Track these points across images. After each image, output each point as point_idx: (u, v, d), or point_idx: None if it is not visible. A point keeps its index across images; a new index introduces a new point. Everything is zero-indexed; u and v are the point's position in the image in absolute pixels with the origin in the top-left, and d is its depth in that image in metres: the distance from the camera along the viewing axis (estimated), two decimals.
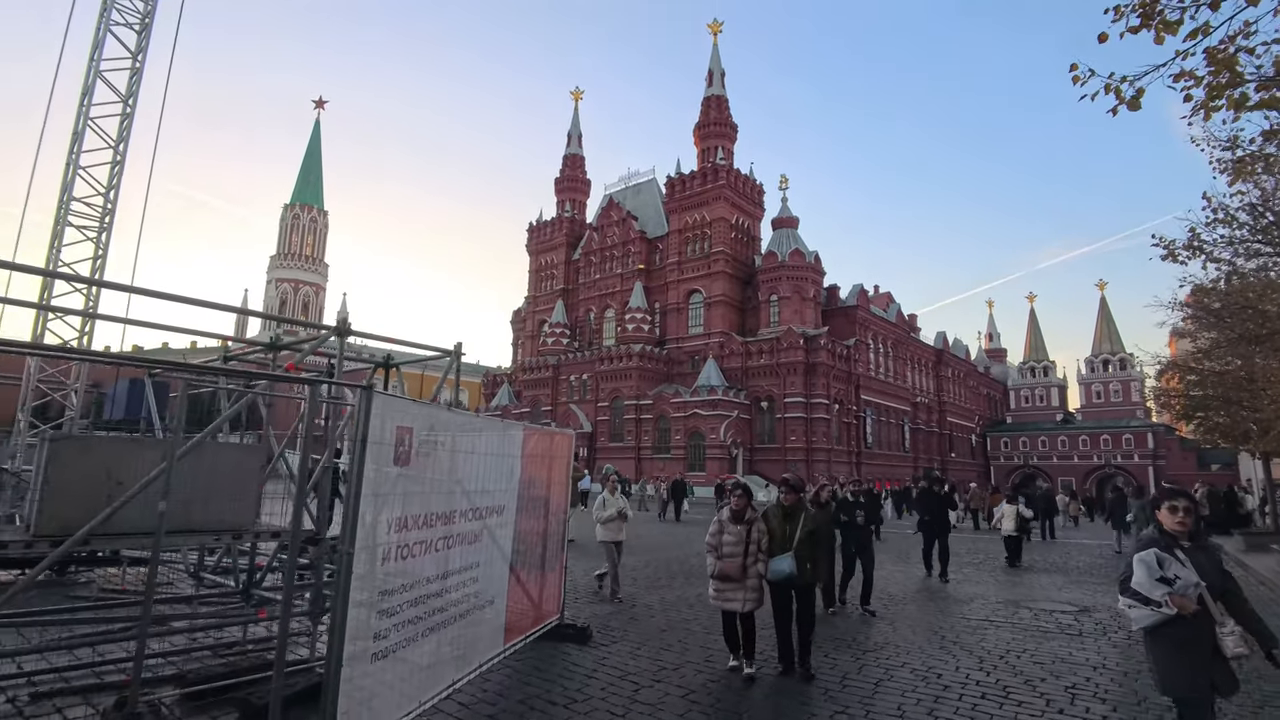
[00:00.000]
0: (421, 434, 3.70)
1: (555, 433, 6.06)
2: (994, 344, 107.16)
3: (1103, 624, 7.63)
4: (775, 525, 6.02)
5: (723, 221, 60.51)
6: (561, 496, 5.99)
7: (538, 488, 5.50)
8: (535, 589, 5.67)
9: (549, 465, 5.81)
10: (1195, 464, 74.72)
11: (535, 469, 5.44)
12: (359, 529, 3.18)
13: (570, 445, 6.19)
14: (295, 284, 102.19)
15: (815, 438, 53.27)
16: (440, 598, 3.96)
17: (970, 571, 12.32)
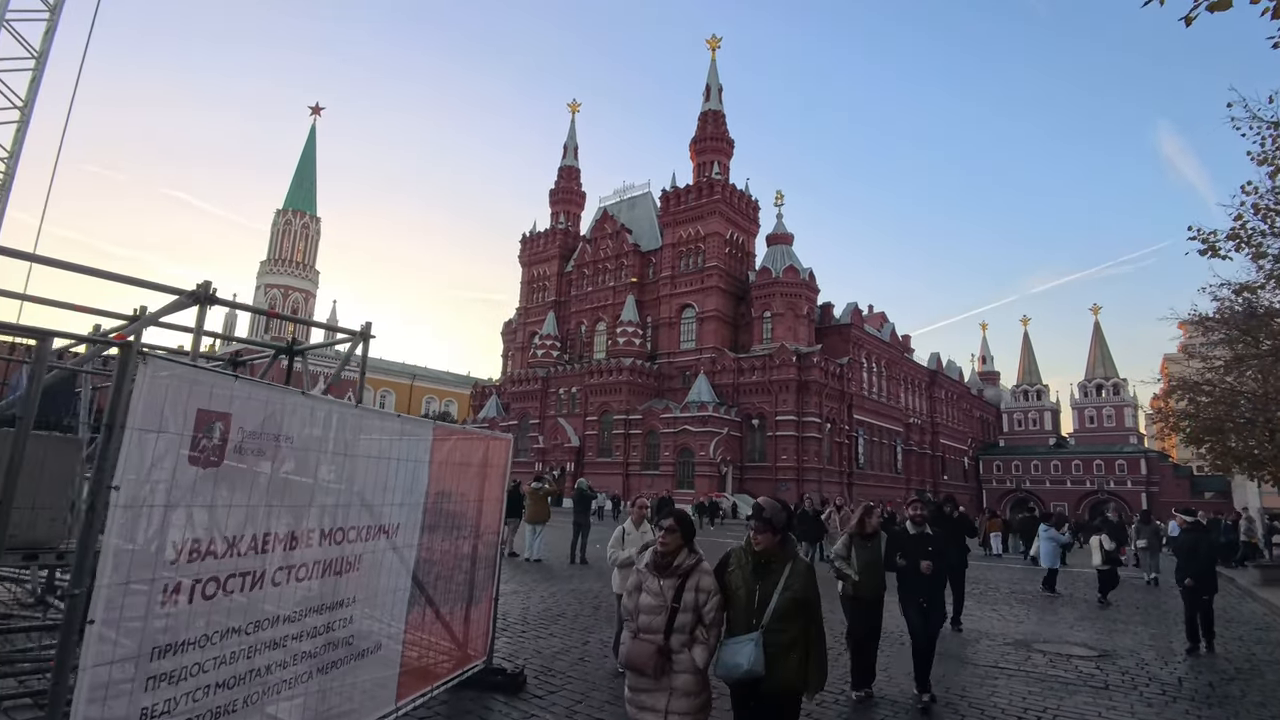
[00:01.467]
0: (250, 424, 2.69)
1: (482, 437, 5.02)
2: (987, 367, 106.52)
3: (1129, 673, 6.59)
4: (737, 583, 3.68)
5: (717, 236, 59.83)
6: (495, 515, 4.93)
7: (456, 503, 4.47)
8: (456, 627, 4.63)
9: (478, 477, 4.78)
10: (1188, 490, 74.04)
11: (453, 480, 4.40)
12: (108, 556, 2.14)
13: (507, 453, 5.14)
14: (285, 290, 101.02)
15: (806, 457, 52.22)
16: (279, 649, 2.88)
17: (971, 605, 11.32)
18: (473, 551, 4.76)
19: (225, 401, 2.57)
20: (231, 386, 2.61)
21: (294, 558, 2.92)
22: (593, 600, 9.52)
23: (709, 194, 60.65)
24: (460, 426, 4.86)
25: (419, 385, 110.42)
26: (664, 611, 3.52)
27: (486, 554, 4.84)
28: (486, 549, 4.84)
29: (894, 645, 7.68)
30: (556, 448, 60.26)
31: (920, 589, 6.23)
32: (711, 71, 68.18)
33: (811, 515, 13.73)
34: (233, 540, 2.64)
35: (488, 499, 4.87)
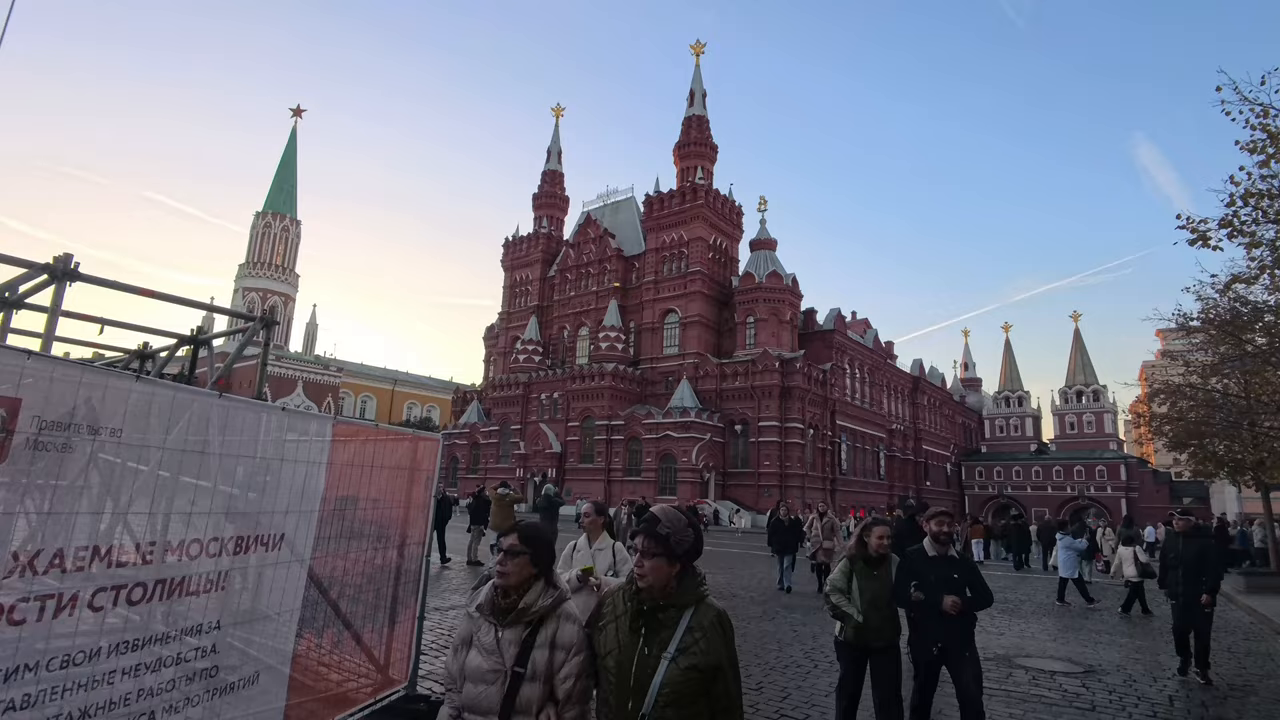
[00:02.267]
0: (51, 413, 2.17)
1: (405, 436, 4.47)
2: (969, 373, 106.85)
3: (1117, 692, 6.12)
4: (609, 645, 2.33)
5: (700, 241, 59.53)
6: (421, 524, 4.41)
7: (370, 510, 3.95)
8: (375, 647, 4.10)
9: (400, 481, 4.24)
10: (1168, 496, 74.53)
11: (364, 485, 3.85)
12: None
13: (436, 456, 4.59)
14: (264, 294, 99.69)
15: (789, 463, 51.89)
16: (102, 688, 2.35)
17: None
18: (394, 564, 4.24)
19: (10, 383, 2.06)
20: (22, 365, 2.08)
21: (121, 576, 2.38)
22: None
23: (692, 199, 60.39)
24: (376, 425, 4.26)
25: (400, 390, 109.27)
26: (500, 679, 2.28)
27: (411, 566, 4.32)
28: (410, 561, 4.32)
29: None
30: (538, 453, 59.57)
31: (940, 633, 4.61)
32: (696, 77, 68.09)
33: (788, 524, 13.00)
34: (29, 557, 2.11)
35: (413, 505, 4.34)
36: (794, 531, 12.90)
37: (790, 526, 12.92)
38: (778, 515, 13.27)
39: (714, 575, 14.79)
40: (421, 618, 4.38)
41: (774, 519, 13.40)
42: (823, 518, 13.00)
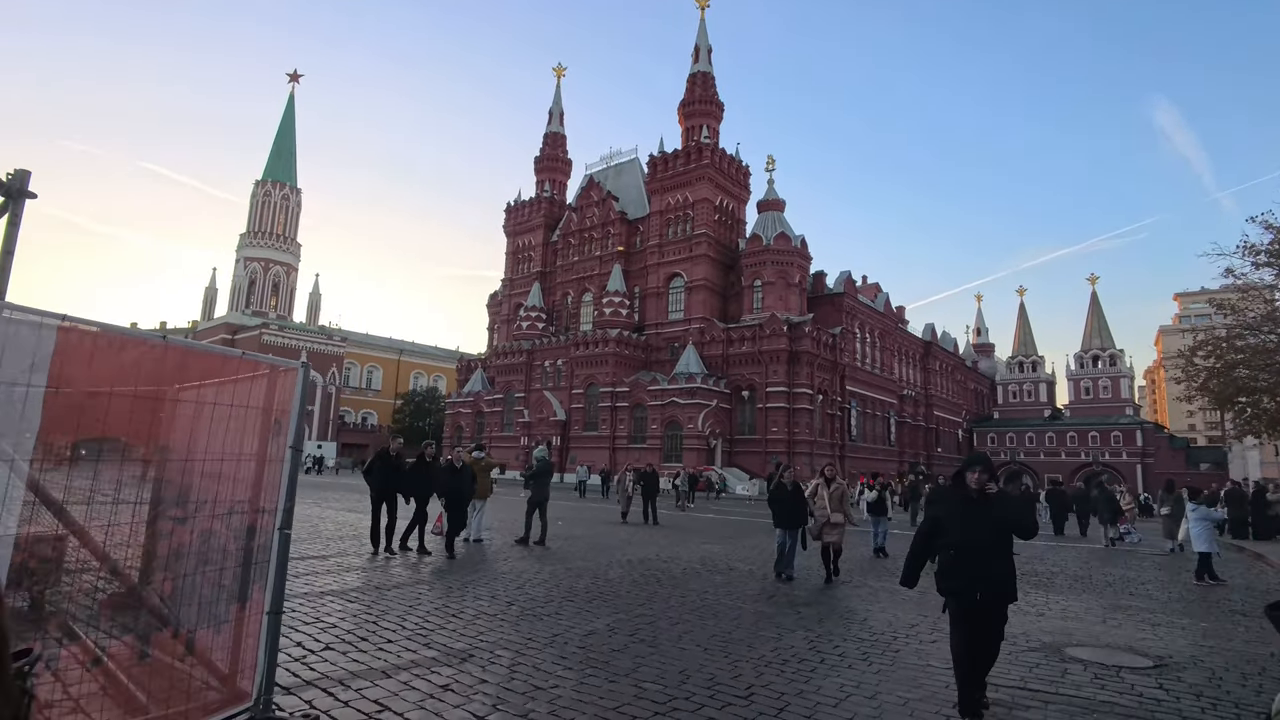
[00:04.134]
0: None
1: (224, 356, 3.23)
2: (982, 339, 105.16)
3: (1203, 694, 4.76)
4: None
5: (706, 203, 57.80)
6: (274, 486, 3.18)
7: (187, 469, 2.75)
8: (214, 652, 2.97)
9: (245, 425, 3.06)
10: (1184, 462, 73.36)
11: (150, 424, 2.66)
12: None
13: (294, 391, 3.34)
14: (266, 263, 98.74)
15: (798, 429, 50.79)
16: None
17: None
18: (237, 540, 3.06)
19: None
20: None
21: None
22: (526, 595, 7.85)
23: (698, 159, 58.53)
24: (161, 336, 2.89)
25: (406, 360, 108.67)
26: None
27: (265, 543, 3.13)
28: (263, 537, 3.12)
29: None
30: (542, 421, 58.73)
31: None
32: (700, 32, 65.67)
33: (790, 489, 9.94)
34: None
35: (247, 456, 3.11)
36: (800, 501, 9.95)
37: (794, 494, 9.91)
38: (779, 479, 10.13)
39: (710, 546, 13.67)
40: (276, 612, 3.18)
41: (775, 485, 10.30)
42: (830, 484, 10.09)
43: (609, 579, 9.03)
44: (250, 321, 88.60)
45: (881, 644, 6.08)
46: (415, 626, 5.81)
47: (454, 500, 10.96)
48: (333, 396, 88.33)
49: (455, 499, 10.99)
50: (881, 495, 13.98)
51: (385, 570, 8.83)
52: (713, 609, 7.29)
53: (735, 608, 7.47)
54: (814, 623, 6.87)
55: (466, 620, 6.16)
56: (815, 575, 10.02)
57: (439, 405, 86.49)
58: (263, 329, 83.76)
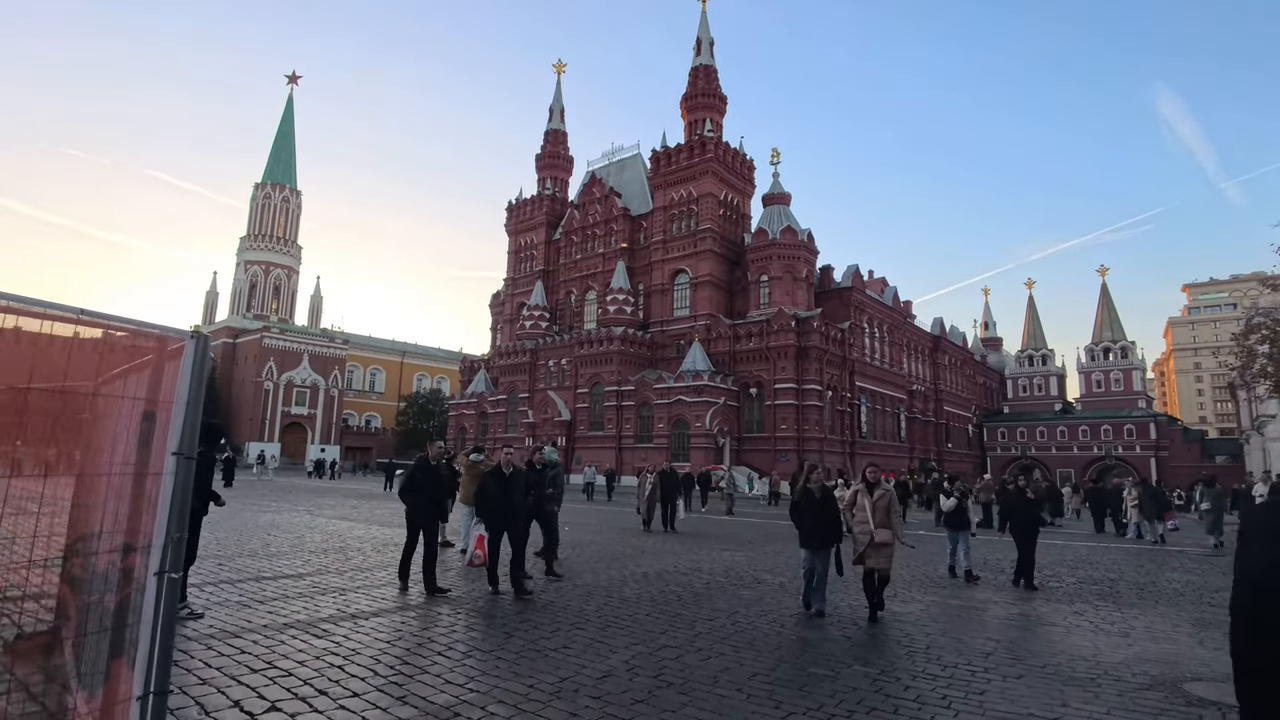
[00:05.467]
0: None
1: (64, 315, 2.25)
2: (990, 333, 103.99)
3: None
4: None
5: (710, 197, 56.75)
6: (151, 509, 2.21)
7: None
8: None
9: (116, 423, 2.09)
10: (1199, 454, 72.08)
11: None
12: None
13: (174, 377, 2.36)
14: (266, 266, 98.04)
15: (807, 426, 49.71)
16: None
17: (1044, 603, 8.60)
18: (101, 592, 2.06)
19: None
20: None
21: None
22: (528, 622, 6.80)
23: (701, 153, 57.49)
24: None
25: (409, 362, 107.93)
26: None
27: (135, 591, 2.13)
28: (135, 577, 2.13)
29: None
30: (547, 421, 57.74)
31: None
32: (702, 24, 64.68)
33: (819, 497, 7.63)
34: None
35: (142, 473, 2.13)
36: (833, 513, 7.68)
37: (824, 504, 7.59)
38: (805, 483, 7.77)
39: (731, 554, 12.60)
40: (160, 693, 2.16)
41: (800, 491, 7.82)
42: (874, 490, 7.63)
43: (624, 598, 7.95)
44: (252, 325, 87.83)
45: (960, 681, 5.03)
46: (391, 671, 4.76)
47: (502, 519, 7.97)
48: (335, 399, 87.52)
49: (504, 518, 8.00)
50: (962, 503, 10.99)
51: (367, 592, 7.78)
52: (747, 636, 6.24)
53: (773, 634, 6.42)
54: (870, 653, 5.83)
55: (454, 660, 5.11)
56: (850, 605, 8.00)
57: (442, 407, 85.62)
58: (264, 332, 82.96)
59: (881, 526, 7.42)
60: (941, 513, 11.43)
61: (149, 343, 2.43)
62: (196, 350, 2.41)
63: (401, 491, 8.54)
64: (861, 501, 7.63)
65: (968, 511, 11.14)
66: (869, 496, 7.62)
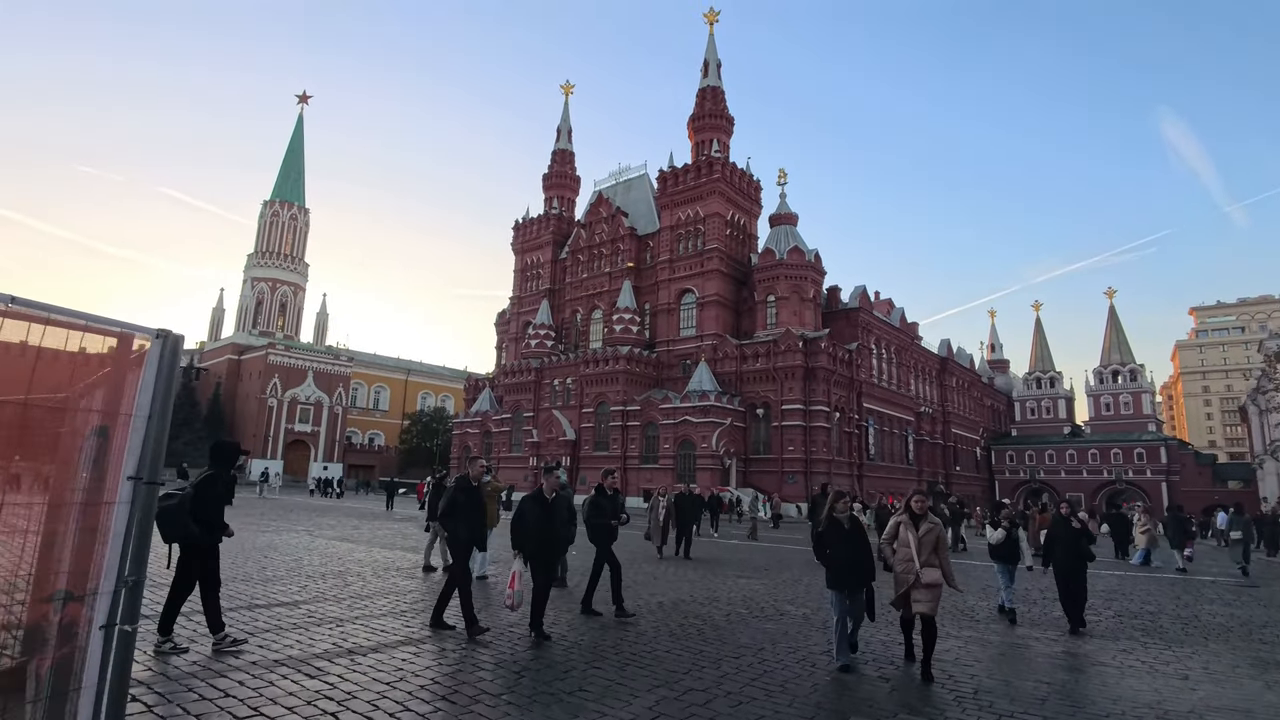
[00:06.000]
0: None
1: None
2: (996, 354, 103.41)
3: None
4: None
5: (717, 217, 56.60)
6: (102, 550, 1.82)
7: None
8: None
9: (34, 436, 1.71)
10: (1210, 479, 71.07)
11: None
12: None
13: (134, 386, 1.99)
14: (273, 283, 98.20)
15: (815, 448, 49.08)
16: None
17: (1100, 647, 8.00)
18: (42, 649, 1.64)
19: None
20: None
21: None
22: (541, 659, 6.30)
23: (708, 173, 57.44)
24: None
25: (414, 380, 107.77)
26: None
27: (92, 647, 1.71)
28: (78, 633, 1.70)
29: None
30: (551, 441, 57.17)
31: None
32: (710, 47, 65.02)
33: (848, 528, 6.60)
34: None
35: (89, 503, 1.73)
36: (864, 547, 6.61)
37: (853, 536, 6.57)
38: (831, 512, 6.69)
39: (748, 582, 12.05)
40: None
41: (824, 521, 6.76)
42: (920, 522, 6.53)
43: (641, 631, 7.42)
44: (257, 342, 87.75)
45: None
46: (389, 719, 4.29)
47: (547, 552, 6.97)
48: (339, 417, 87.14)
49: (549, 550, 7.01)
50: (1012, 534, 9.81)
51: (366, 624, 7.28)
52: (779, 678, 5.74)
53: (806, 675, 5.91)
54: (916, 699, 5.33)
55: (460, 707, 4.61)
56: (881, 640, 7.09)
57: (446, 425, 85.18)
58: (269, 349, 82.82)
59: (928, 565, 6.33)
60: (990, 544, 9.97)
61: (104, 342, 2.01)
62: (164, 353, 1.99)
63: (443, 516, 7.65)
64: (905, 535, 6.52)
65: (1020, 542, 10.02)
66: (914, 530, 6.50)
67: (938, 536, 6.50)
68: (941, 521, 6.54)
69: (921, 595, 6.28)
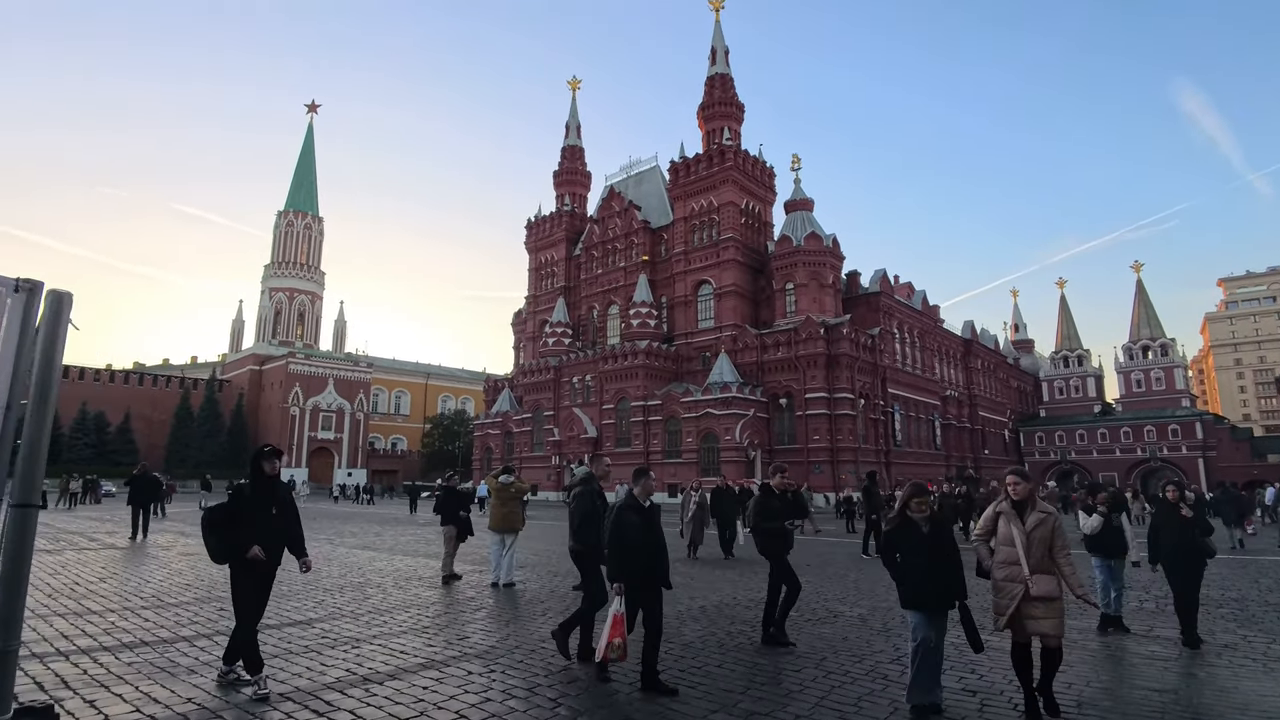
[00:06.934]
0: None
1: None
2: (1020, 335, 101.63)
3: None
4: None
5: (731, 206, 55.76)
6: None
7: None
8: None
9: None
10: (1249, 454, 69.30)
11: None
12: None
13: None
14: (291, 293, 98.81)
15: (840, 436, 48.18)
16: None
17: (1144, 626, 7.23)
18: None
19: None
20: None
21: None
22: (579, 681, 5.66)
23: (720, 162, 56.60)
24: None
25: (433, 384, 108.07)
26: None
27: None
28: None
29: None
30: (572, 439, 56.72)
31: None
32: (716, 34, 64.14)
33: (928, 530, 5.07)
34: None
35: None
36: (951, 553, 4.99)
37: (937, 539, 5.02)
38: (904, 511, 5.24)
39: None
40: None
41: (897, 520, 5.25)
42: (1025, 512, 5.05)
43: (687, 642, 6.72)
44: (277, 351, 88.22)
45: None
46: None
47: (654, 576, 5.60)
48: (361, 423, 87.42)
49: (656, 574, 5.60)
50: (1112, 520, 8.05)
51: (384, 644, 6.67)
52: (851, 695, 5.04)
53: (879, 691, 5.21)
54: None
55: None
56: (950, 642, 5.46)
57: (467, 428, 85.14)
58: (289, 358, 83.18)
59: (1041, 570, 4.79)
60: (1084, 535, 8.12)
61: None
62: (25, 314, 1.35)
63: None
64: (1008, 530, 4.95)
65: (1124, 531, 8.14)
66: (1018, 522, 4.92)
67: (1052, 530, 4.89)
68: (1053, 511, 5.03)
69: (1038, 611, 4.73)
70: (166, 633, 6.80)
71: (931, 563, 4.89)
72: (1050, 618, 4.72)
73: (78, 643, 6.28)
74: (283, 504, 5.38)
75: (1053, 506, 4.99)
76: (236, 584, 5.13)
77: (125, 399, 79.85)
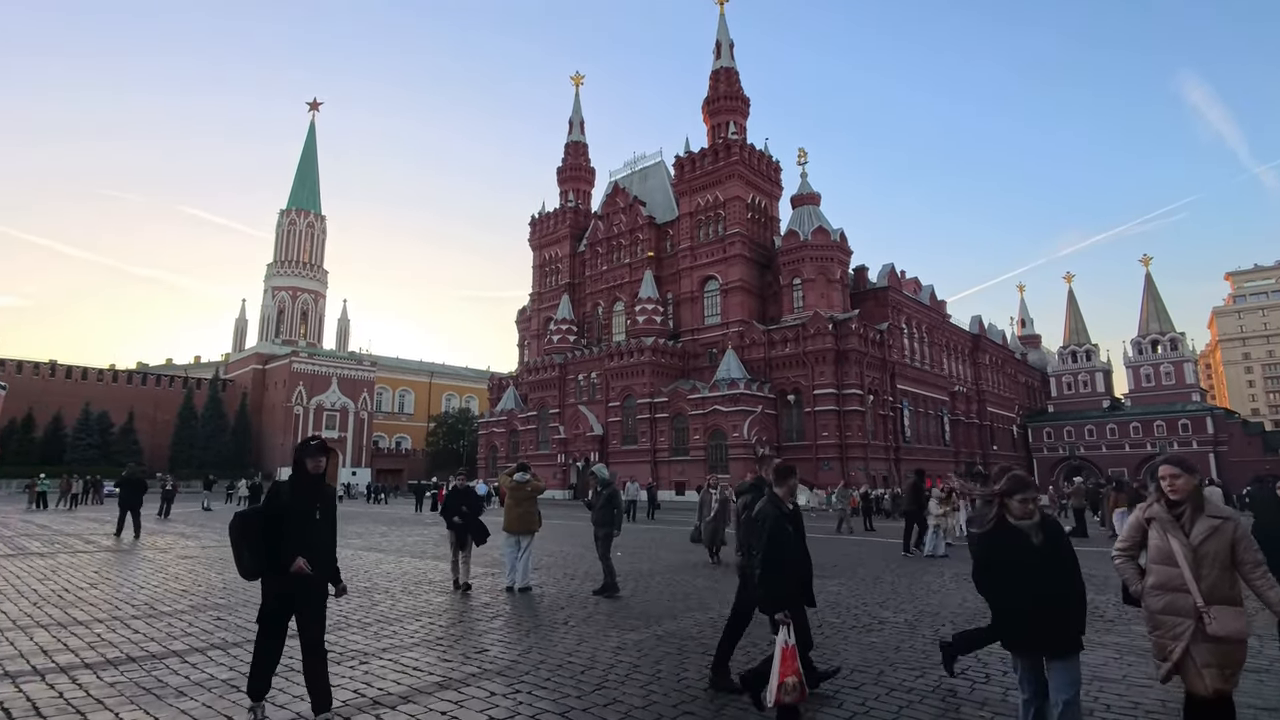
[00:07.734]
0: None
1: None
2: (1027, 330, 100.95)
3: None
4: None
5: (737, 201, 55.16)
6: None
7: None
8: None
9: None
10: (1260, 449, 68.56)
11: None
12: None
13: None
14: (294, 291, 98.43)
15: (849, 432, 47.63)
16: None
17: None
18: None
19: None
20: None
21: None
22: (608, 698, 5.10)
23: (726, 156, 55.98)
24: None
25: (437, 382, 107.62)
26: None
27: None
28: None
29: None
30: (578, 437, 56.18)
31: None
32: (720, 27, 63.57)
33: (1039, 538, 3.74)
34: None
35: None
36: (1067, 570, 3.68)
37: (1050, 548, 3.72)
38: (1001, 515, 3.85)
39: (821, 583, 10.74)
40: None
41: (994, 527, 3.88)
42: (1186, 519, 3.57)
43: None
44: (280, 350, 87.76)
45: None
46: None
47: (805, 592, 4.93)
48: (365, 422, 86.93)
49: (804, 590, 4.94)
50: None
51: (395, 658, 6.11)
52: (920, 716, 4.49)
53: (949, 712, 4.64)
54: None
55: None
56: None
57: (472, 426, 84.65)
58: (293, 357, 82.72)
59: (1219, 599, 3.39)
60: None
61: None
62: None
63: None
64: (1164, 543, 3.57)
65: None
66: (1179, 532, 3.54)
67: (1232, 541, 3.44)
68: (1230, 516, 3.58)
69: (1210, 656, 3.36)
70: (156, 646, 6.26)
71: (1044, 588, 3.61)
72: (1226, 665, 3.35)
73: (58, 659, 5.73)
74: (328, 510, 4.55)
75: (1230, 510, 3.65)
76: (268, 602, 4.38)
77: (129, 399, 79.47)
